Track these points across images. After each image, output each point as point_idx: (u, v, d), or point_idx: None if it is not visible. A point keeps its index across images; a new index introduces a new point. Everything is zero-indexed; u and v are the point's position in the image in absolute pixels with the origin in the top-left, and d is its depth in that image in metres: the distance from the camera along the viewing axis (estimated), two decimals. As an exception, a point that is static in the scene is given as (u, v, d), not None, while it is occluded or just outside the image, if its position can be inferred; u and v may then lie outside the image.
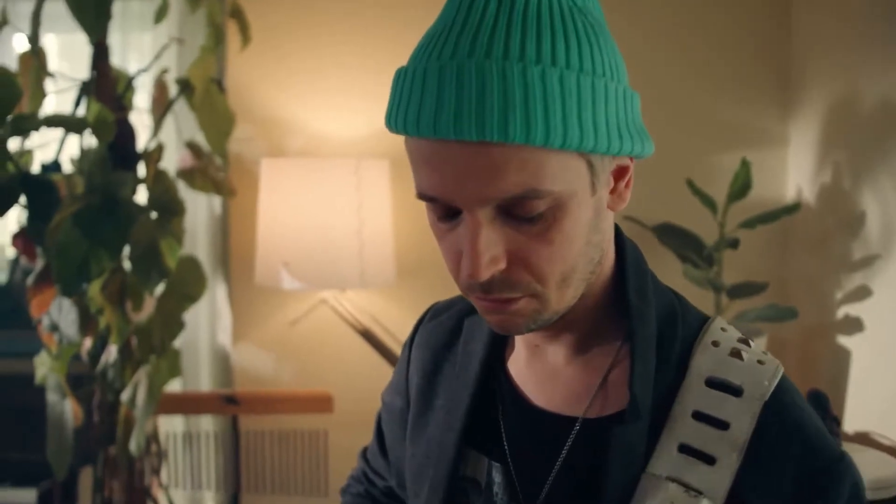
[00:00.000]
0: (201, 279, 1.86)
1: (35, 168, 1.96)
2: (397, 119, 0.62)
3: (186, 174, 1.99)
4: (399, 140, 0.67)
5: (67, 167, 1.90)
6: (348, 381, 2.05)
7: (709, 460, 0.65)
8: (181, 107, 1.99)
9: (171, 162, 2.10)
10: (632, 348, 0.68)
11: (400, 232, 2.03)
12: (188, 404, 1.93)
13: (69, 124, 1.75)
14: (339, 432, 1.99)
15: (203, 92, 1.90)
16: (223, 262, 2.18)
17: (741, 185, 1.79)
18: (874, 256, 1.74)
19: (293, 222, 1.83)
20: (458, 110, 0.57)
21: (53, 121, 1.74)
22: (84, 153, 1.83)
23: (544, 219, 0.61)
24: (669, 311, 0.71)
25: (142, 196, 1.86)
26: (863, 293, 1.77)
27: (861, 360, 1.80)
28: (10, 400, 2.19)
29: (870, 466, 1.58)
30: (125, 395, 1.80)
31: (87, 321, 1.75)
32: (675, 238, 1.94)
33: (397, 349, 1.98)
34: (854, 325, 1.80)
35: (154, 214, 1.77)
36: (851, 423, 1.82)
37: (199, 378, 2.21)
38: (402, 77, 0.62)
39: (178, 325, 1.84)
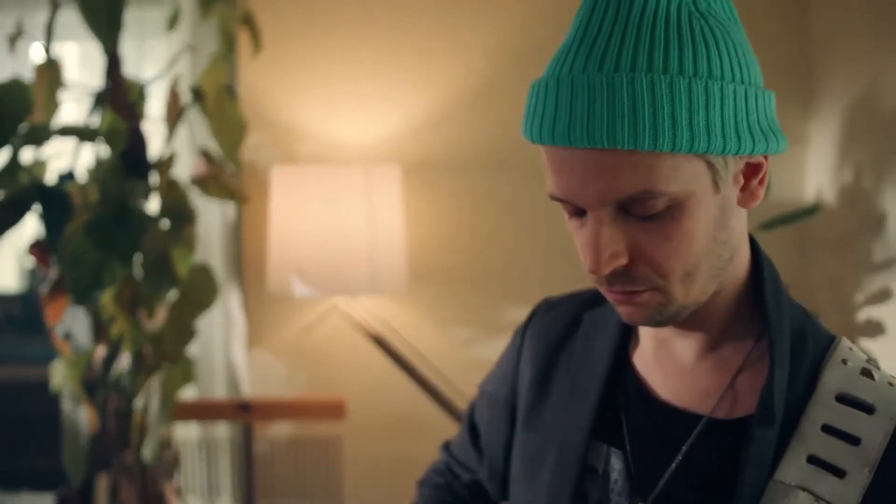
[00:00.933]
0: (213, 287, 1.86)
1: (51, 178, 1.98)
2: (532, 129, 0.67)
3: (200, 181, 2.00)
4: (410, 146, 0.68)
5: (83, 177, 1.92)
6: (361, 387, 2.05)
7: (839, 473, 0.66)
8: (195, 114, 2.00)
9: (186, 169, 2.12)
10: (771, 354, 0.70)
11: (412, 238, 2.02)
12: (201, 411, 1.93)
13: (81, 134, 1.77)
14: (353, 439, 1.98)
15: (215, 99, 1.90)
16: (237, 269, 2.18)
17: (758, 187, 1.76)
18: (895, 258, 1.70)
19: (304, 229, 1.83)
20: (570, 120, 0.63)
21: (66, 131, 1.76)
22: (97, 162, 1.85)
23: (663, 217, 0.65)
24: (800, 325, 0.74)
25: (154, 204, 1.87)
26: (884, 295, 1.73)
27: (882, 364, 1.75)
28: (30, 407, 2.22)
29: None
30: (139, 403, 1.81)
31: (99, 329, 1.76)
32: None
33: (410, 355, 1.97)
34: (875, 328, 1.76)
35: (166, 223, 1.78)
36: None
37: (214, 385, 2.22)
38: (535, 89, 0.68)
39: (190, 333, 1.84)
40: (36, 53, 2.32)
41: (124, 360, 1.78)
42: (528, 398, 0.88)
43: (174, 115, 1.94)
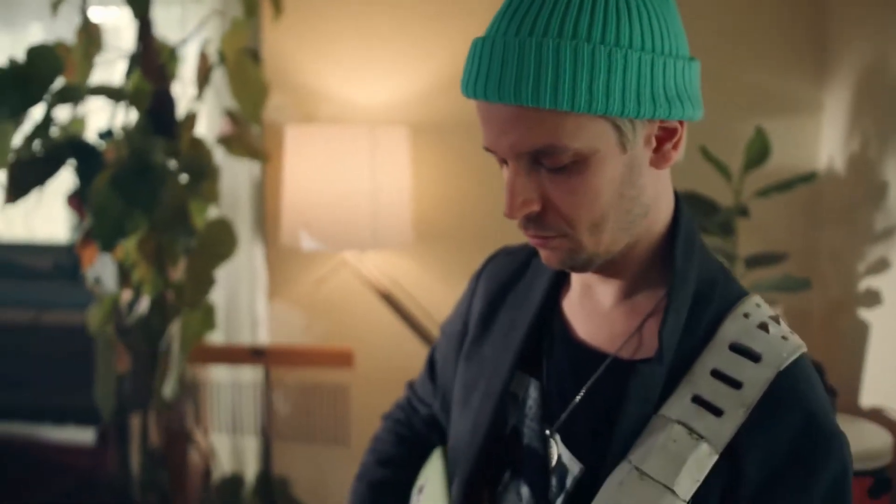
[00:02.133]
0: (231, 239, 1.98)
1: (91, 135, 2.13)
2: (464, 84, 0.74)
3: (224, 140, 2.12)
4: (419, 108, 0.77)
5: (118, 134, 2.06)
6: (369, 339, 2.15)
7: (717, 412, 0.72)
8: (221, 77, 2.11)
9: (214, 129, 2.24)
10: (668, 301, 0.76)
11: (420, 196, 2.10)
12: (218, 355, 2.07)
13: (110, 94, 1.90)
14: (359, 388, 2.09)
15: (235, 62, 2.01)
16: (260, 224, 2.30)
17: (756, 153, 1.76)
18: (894, 228, 1.68)
19: (314, 186, 1.92)
20: (488, 77, 0.69)
21: (96, 90, 1.89)
22: (127, 121, 1.98)
23: (570, 171, 0.71)
24: (711, 278, 0.79)
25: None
26: (882, 266, 1.72)
27: (879, 334, 1.75)
28: (74, 347, 2.39)
29: (866, 437, 1.57)
30: (162, 346, 1.96)
31: (125, 275, 1.91)
32: (695, 207, 1.92)
33: (416, 311, 2.06)
34: (874, 298, 1.75)
35: (185, 177, 1.90)
36: (868, 397, 1.77)
37: (240, 332, 2.36)
38: (471, 48, 0.74)
39: (209, 282, 1.96)
40: (95, 16, 2.45)
41: (144, 305, 1.92)
42: (474, 332, 0.96)
43: (202, 76, 2.06)
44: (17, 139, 1.80)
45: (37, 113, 1.83)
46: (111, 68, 2.21)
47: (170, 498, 2.13)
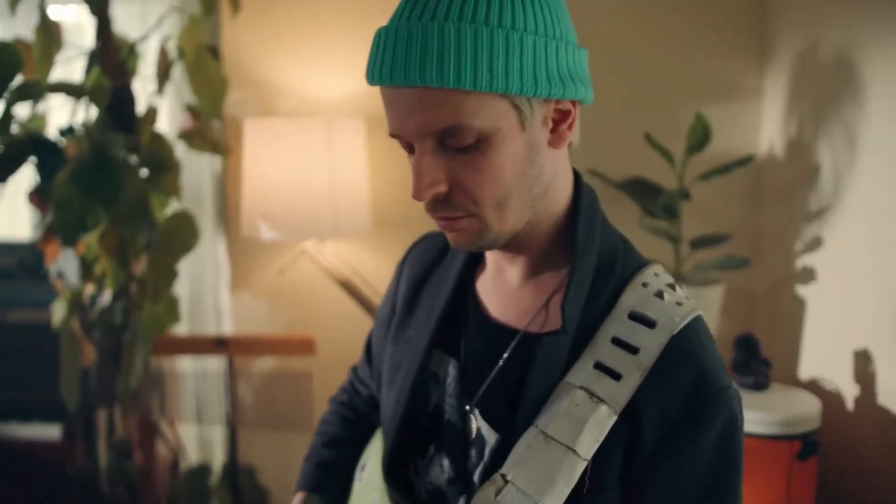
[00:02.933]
0: (193, 232, 2.02)
1: (52, 132, 2.15)
2: (369, 72, 0.77)
3: (186, 135, 2.16)
4: (375, 101, 0.80)
5: (79, 130, 2.08)
6: (331, 326, 2.20)
7: (616, 377, 0.77)
8: (182, 72, 2.15)
9: (175, 124, 2.28)
10: (570, 276, 0.81)
11: (377, 187, 2.15)
12: (182, 346, 2.10)
13: (69, 90, 1.92)
14: (322, 375, 2.14)
15: (194, 58, 2.04)
16: (222, 216, 2.34)
17: (699, 139, 1.84)
18: (826, 208, 1.77)
19: (273, 177, 1.97)
20: (393, 62, 0.72)
21: (55, 87, 1.91)
22: (88, 117, 2.01)
23: (474, 150, 0.74)
24: (612, 252, 0.84)
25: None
26: (816, 244, 1.81)
27: (815, 309, 1.84)
28: (40, 345, 2.41)
29: (796, 404, 1.65)
30: (126, 338, 1.99)
31: (88, 270, 1.94)
32: (642, 192, 2.00)
33: (375, 298, 2.12)
34: (809, 276, 1.84)
35: (145, 172, 1.93)
36: (805, 369, 1.86)
37: (205, 324, 2.39)
38: (375, 38, 0.77)
39: (171, 274, 2.00)
40: (56, 13, 2.46)
41: (106, 298, 1.95)
42: (399, 316, 1.01)
43: (162, 72, 2.09)
44: (-23, 136, 1.83)
45: (-3, 110, 1.86)
46: (72, 65, 2.23)
47: (137, 490, 2.17)
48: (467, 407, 0.88)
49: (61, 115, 2.21)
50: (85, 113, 2.00)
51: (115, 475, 2.18)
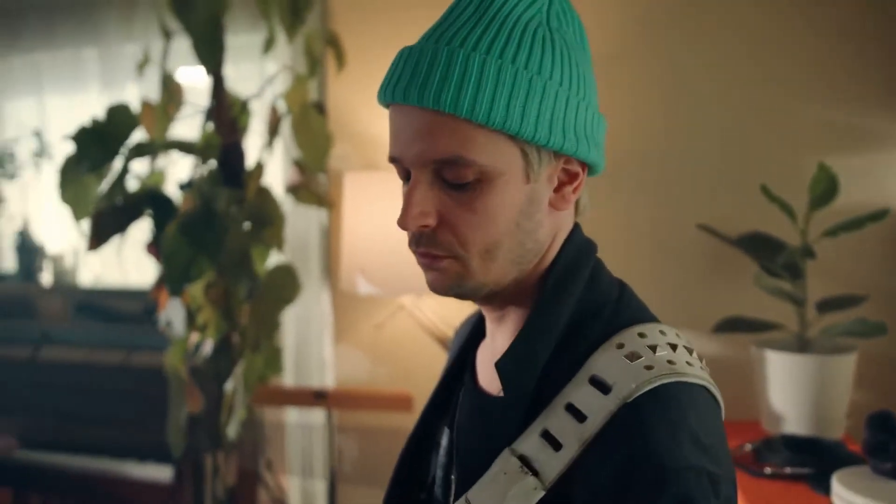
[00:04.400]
0: (294, 284, 2.05)
1: (172, 186, 2.26)
2: (382, 90, 0.75)
3: (293, 189, 2.21)
4: None
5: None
6: (428, 384, 2.15)
7: (557, 446, 0.69)
8: (289, 128, 2.21)
9: (285, 178, 2.34)
10: (517, 333, 0.75)
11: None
12: (282, 397, 2.12)
13: (182, 147, 2.02)
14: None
15: (300, 115, 2.10)
16: (327, 269, 2.36)
17: (824, 191, 1.67)
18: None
19: (371, 231, 1.96)
20: (410, 81, 0.70)
21: (169, 145, 2.01)
22: (201, 173, 2.10)
23: (472, 189, 0.71)
24: (593, 309, 0.76)
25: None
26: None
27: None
28: (159, 387, 2.51)
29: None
30: (229, 387, 2.03)
31: (193, 319, 2.00)
32: (761, 248, 1.84)
33: (474, 354, 2.05)
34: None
35: (247, 225, 1.98)
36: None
37: (310, 375, 2.41)
38: (395, 57, 0.75)
39: (272, 326, 2.03)
40: (184, 75, 2.62)
41: (208, 347, 2.00)
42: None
43: (272, 128, 2.16)
44: (100, 191, 1.94)
45: (118, 167, 1.97)
46: (194, 123, 2.35)
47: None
48: (453, 477, 0.83)
49: (184, 170, 2.33)
50: (198, 168, 2.09)
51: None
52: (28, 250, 2.83)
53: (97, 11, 2.82)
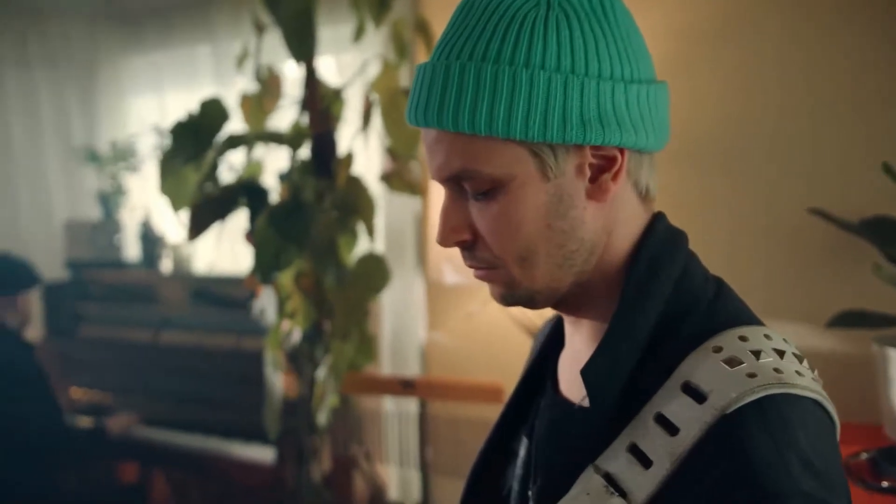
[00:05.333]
0: (384, 273, 2.04)
1: (271, 177, 2.32)
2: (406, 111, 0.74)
3: (386, 177, 2.21)
4: None
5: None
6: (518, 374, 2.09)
7: (646, 463, 0.62)
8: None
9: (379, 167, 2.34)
10: (602, 338, 0.68)
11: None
12: (370, 385, 2.12)
13: (272, 139, 2.05)
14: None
15: (389, 102, 2.08)
16: (422, 258, 2.35)
17: (955, 169, 1.47)
18: None
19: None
20: (418, 103, 0.67)
21: (260, 137, 2.05)
22: (297, 163, 2.13)
23: (491, 198, 0.67)
24: (685, 310, 0.68)
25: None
26: None
27: None
28: (263, 372, 2.59)
29: None
30: (320, 374, 2.06)
31: (283, 307, 2.03)
32: (885, 234, 1.65)
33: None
34: None
35: (335, 214, 1.99)
36: None
37: (408, 364, 2.41)
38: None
39: (362, 314, 2.04)
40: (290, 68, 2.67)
41: (296, 335, 2.03)
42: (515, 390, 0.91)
43: (364, 117, 2.16)
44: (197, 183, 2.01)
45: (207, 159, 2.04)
46: (293, 114, 2.40)
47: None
48: (530, 492, 0.76)
49: (284, 160, 2.38)
50: (293, 159, 2.12)
51: (318, 501, 2.26)
52: (150, 240, 3.00)
53: (210, 10, 2.93)
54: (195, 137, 1.92)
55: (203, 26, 2.97)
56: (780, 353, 0.63)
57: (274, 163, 2.38)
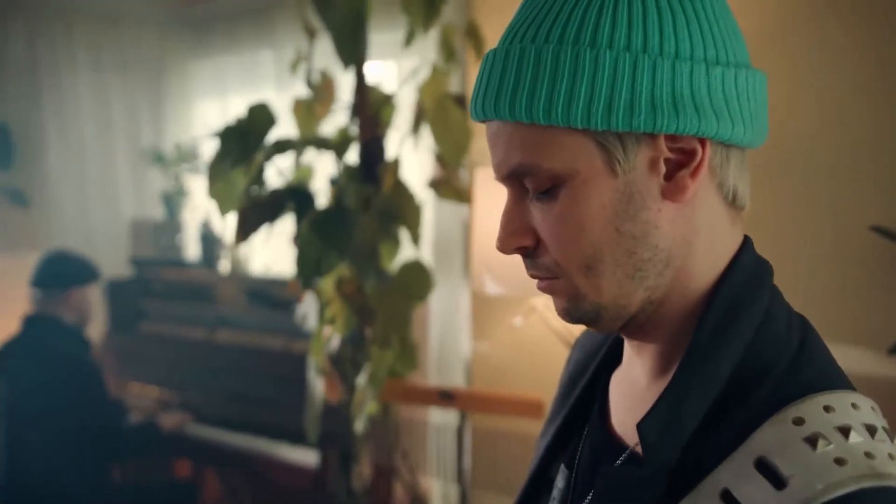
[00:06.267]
0: (426, 281, 2.02)
1: (321, 182, 2.33)
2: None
3: (435, 184, 2.18)
4: None
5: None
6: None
7: None
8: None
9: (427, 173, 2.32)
10: (668, 385, 0.60)
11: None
12: (409, 395, 2.10)
13: (318, 144, 2.06)
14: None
15: (437, 108, 2.06)
16: (468, 266, 2.32)
17: None
18: None
19: (496, 229, 1.88)
20: (477, 94, 0.62)
21: (307, 142, 2.06)
22: (343, 168, 2.13)
23: (553, 197, 0.60)
24: (764, 364, 0.59)
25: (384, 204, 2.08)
26: None
27: None
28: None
29: None
30: (361, 380, 2.05)
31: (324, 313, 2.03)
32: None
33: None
34: None
35: (377, 220, 1.98)
36: None
37: (453, 374, 2.38)
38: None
39: (404, 322, 2.02)
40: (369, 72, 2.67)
41: (335, 341, 2.03)
42: (554, 406, 0.84)
43: (414, 123, 2.15)
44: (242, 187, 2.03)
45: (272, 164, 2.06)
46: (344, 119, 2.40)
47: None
48: None
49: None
50: (340, 164, 2.12)
51: (355, 510, 2.25)
52: (209, 240, 3.06)
53: (273, 16, 2.98)
54: (242, 142, 1.94)
55: (266, 31, 3.02)
56: (871, 431, 0.55)
57: (326, 168, 2.39)
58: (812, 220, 1.74)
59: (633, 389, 0.67)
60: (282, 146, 2.00)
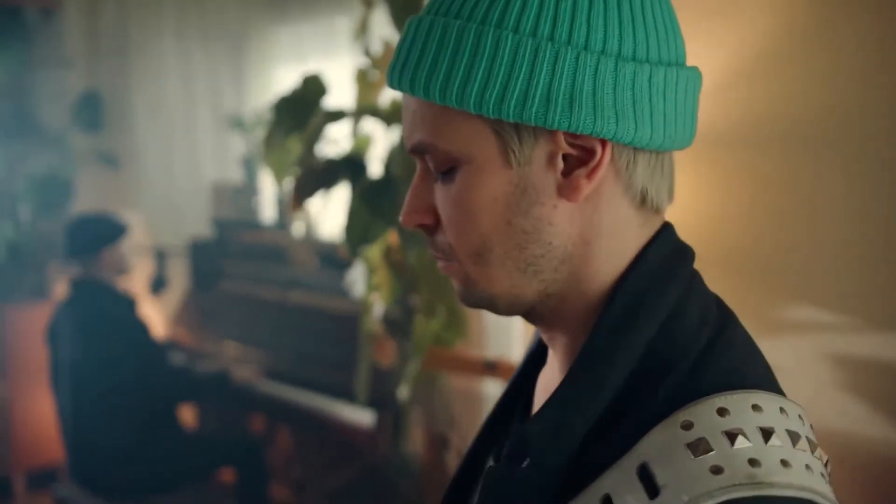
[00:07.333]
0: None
1: (379, 151, 2.35)
2: None
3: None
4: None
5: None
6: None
7: None
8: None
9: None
10: (558, 387, 0.58)
11: (675, 223, 1.88)
12: (452, 363, 2.11)
13: (372, 113, 2.08)
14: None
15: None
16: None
17: None
18: None
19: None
20: (395, 63, 0.60)
21: (361, 111, 2.08)
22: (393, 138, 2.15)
23: (449, 180, 0.59)
24: (663, 366, 0.56)
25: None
26: None
27: None
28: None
29: None
30: (405, 348, 2.09)
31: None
32: None
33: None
34: None
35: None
36: None
37: (510, 344, 2.38)
38: None
39: (449, 290, 2.03)
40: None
41: (377, 308, 2.07)
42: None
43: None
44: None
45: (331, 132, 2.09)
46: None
47: (423, 492, 2.26)
48: None
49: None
50: (391, 134, 2.14)
51: (404, 473, 2.31)
52: (284, 203, 3.16)
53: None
54: (295, 111, 1.99)
55: (341, -1, 3.05)
56: (768, 434, 0.51)
57: (384, 138, 2.41)
58: (866, 205, 1.62)
59: (551, 384, 0.65)
60: (333, 116, 2.03)
